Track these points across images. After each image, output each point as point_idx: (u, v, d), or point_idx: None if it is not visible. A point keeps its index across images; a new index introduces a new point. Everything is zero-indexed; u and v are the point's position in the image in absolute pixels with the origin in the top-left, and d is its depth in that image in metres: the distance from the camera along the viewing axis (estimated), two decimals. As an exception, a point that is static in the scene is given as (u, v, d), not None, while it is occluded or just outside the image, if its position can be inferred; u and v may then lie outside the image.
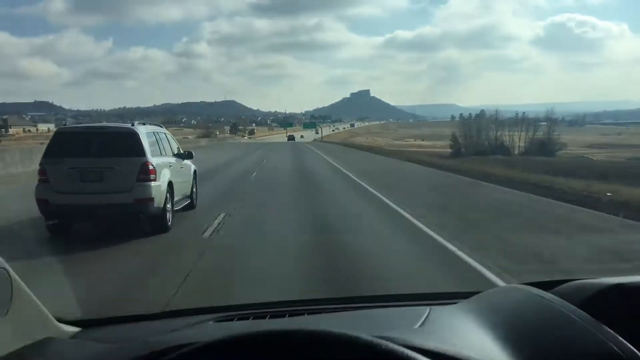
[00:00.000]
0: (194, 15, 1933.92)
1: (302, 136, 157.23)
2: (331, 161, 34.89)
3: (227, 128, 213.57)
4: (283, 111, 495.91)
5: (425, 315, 1.59)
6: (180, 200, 11.17)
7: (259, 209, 13.02)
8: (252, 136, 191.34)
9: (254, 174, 23.61)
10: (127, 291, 6.05)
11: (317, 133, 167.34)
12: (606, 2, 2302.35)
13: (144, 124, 11.02)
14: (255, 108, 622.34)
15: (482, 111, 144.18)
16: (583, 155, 70.20)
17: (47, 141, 10.14)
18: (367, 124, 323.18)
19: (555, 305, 1.48)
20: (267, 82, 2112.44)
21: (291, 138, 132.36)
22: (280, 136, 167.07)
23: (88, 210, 9.20)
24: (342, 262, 7.50)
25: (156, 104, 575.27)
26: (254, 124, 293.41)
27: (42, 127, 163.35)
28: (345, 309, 2.04)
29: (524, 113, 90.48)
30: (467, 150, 74.53)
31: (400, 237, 9.83)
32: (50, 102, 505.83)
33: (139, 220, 9.46)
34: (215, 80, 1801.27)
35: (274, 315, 1.97)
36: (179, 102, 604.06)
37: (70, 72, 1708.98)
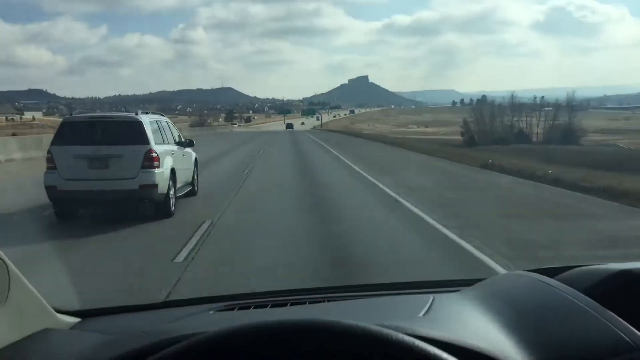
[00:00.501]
0: (189, 1, 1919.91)
1: (302, 123, 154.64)
2: (353, 165, 22.53)
3: (223, 115, 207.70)
4: (281, 98, 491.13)
5: (429, 303, 1.54)
6: (182, 186, 11.42)
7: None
8: (245, 124, 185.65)
9: (223, 213, 10.61)
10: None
11: (317, 120, 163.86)
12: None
13: (147, 113, 11.25)
14: (252, 95, 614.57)
15: (484, 96, 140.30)
16: (609, 143, 64.77)
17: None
18: (366, 110, 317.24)
19: (561, 291, 1.44)
20: (264, 69, 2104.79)
21: (289, 126, 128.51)
22: (278, 124, 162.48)
23: (95, 196, 9.65)
24: None
25: (152, 92, 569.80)
26: (251, 111, 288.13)
27: (27, 115, 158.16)
28: (348, 298, 2.00)
29: (542, 97, 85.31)
30: (480, 138, 69.04)
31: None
32: (44, 89, 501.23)
33: (144, 205, 9.77)
34: (212, 67, 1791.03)
35: (275, 305, 1.92)
36: (175, 90, 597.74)
37: (64, 60, 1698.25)
